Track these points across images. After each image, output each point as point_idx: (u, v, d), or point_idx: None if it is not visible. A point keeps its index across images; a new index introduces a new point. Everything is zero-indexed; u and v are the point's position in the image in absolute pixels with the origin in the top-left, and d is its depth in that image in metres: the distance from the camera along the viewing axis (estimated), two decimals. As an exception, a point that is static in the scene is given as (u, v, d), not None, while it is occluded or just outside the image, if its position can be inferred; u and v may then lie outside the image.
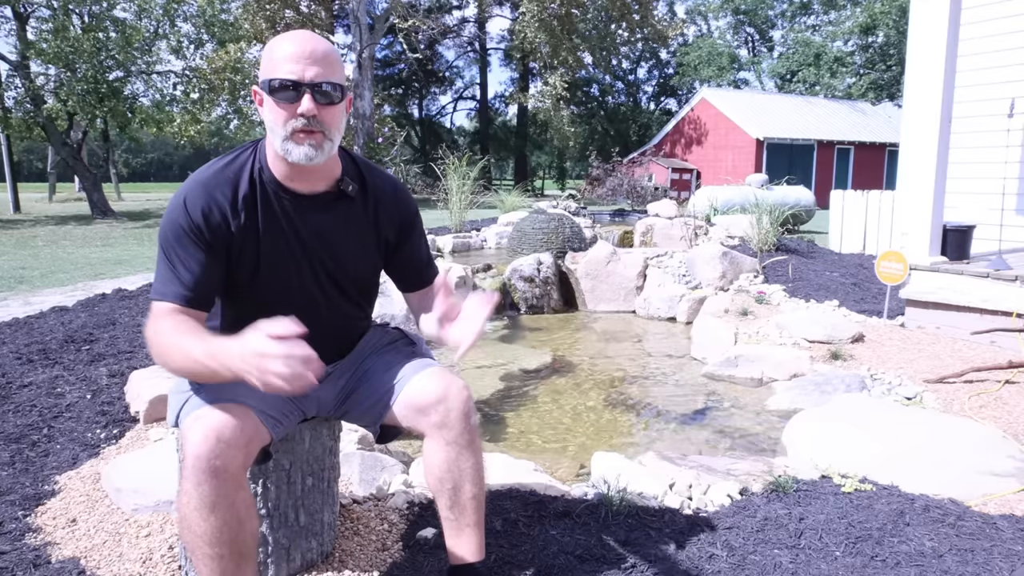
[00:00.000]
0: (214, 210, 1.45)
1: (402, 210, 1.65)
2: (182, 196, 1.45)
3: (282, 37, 1.44)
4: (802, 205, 11.80)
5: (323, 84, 1.40)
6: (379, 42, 24.17)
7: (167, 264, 1.43)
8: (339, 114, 1.45)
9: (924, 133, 4.88)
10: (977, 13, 6.17)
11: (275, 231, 1.51)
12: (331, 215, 1.56)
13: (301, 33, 1.44)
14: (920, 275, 4.63)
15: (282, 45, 1.41)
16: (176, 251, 1.43)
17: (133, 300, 5.05)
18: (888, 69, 32.98)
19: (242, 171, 1.49)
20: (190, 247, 1.43)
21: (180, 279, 1.42)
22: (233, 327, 1.39)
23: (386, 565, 1.79)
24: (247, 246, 1.49)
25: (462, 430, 1.53)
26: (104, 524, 1.95)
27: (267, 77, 1.41)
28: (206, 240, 1.44)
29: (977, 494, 2.24)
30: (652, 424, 3.31)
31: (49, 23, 13.99)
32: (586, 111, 36.37)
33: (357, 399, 1.66)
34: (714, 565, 1.80)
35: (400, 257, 1.69)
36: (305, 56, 1.39)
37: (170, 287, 1.42)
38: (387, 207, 1.62)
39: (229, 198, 1.46)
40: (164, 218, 1.45)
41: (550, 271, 6.06)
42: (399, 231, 1.65)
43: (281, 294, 1.54)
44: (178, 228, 1.43)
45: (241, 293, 1.54)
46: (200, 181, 1.46)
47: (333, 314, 1.64)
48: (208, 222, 1.44)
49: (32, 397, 2.95)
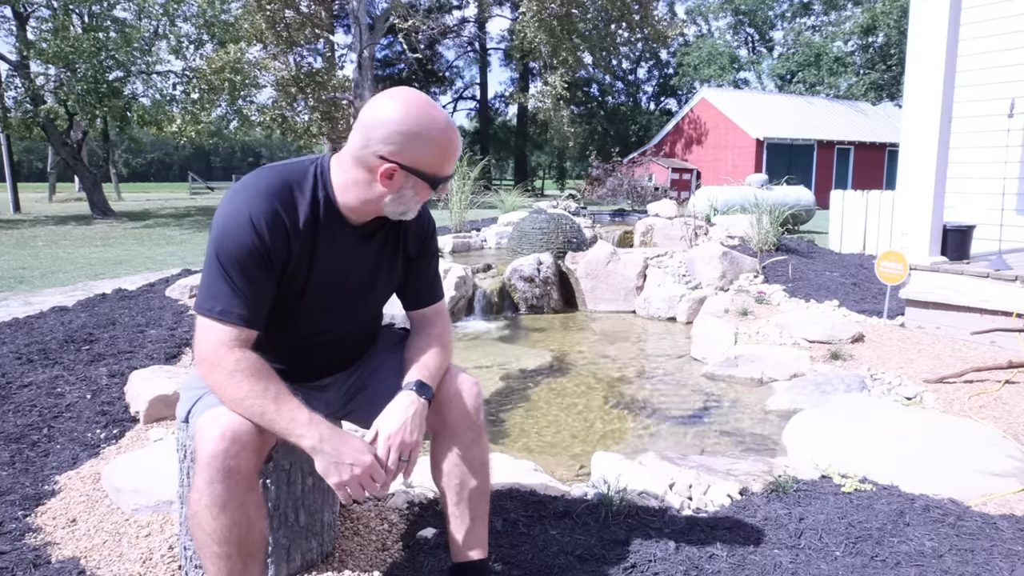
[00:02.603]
0: (279, 232, 1.40)
1: (424, 230, 1.66)
2: (246, 212, 1.38)
3: (445, 128, 1.41)
4: (802, 205, 11.81)
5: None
6: (379, 42, 24.17)
7: (227, 281, 1.37)
8: None
9: (924, 133, 4.88)
10: (977, 13, 6.17)
11: (328, 259, 1.49)
12: (374, 242, 1.56)
13: (452, 130, 1.43)
14: (920, 275, 4.63)
15: (447, 139, 1.42)
16: (239, 269, 1.37)
17: (133, 300, 5.05)
18: (888, 69, 33.00)
19: (303, 192, 1.45)
20: (255, 269, 1.38)
21: (242, 299, 1.37)
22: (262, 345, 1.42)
23: (386, 565, 1.79)
24: (299, 271, 1.46)
25: (472, 424, 1.55)
26: (104, 524, 1.95)
27: (431, 172, 1.42)
28: (270, 261, 1.40)
29: (977, 494, 2.24)
30: (652, 424, 3.31)
31: (49, 23, 13.99)
32: (586, 111, 36.37)
33: (364, 399, 1.66)
34: (714, 565, 1.80)
35: (410, 272, 1.67)
36: (455, 157, 1.46)
37: (232, 306, 1.37)
38: (414, 227, 1.63)
39: (292, 221, 1.42)
40: (225, 231, 1.37)
41: (550, 271, 6.06)
42: (418, 249, 1.65)
43: (317, 315, 1.54)
44: (246, 248, 1.37)
45: (283, 311, 1.51)
46: (264, 197, 1.40)
47: (357, 328, 1.66)
48: (275, 243, 1.40)
49: (32, 397, 2.95)
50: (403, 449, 1.40)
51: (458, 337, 5.07)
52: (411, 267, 1.65)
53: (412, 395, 1.46)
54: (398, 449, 1.39)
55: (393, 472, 1.40)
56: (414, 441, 1.41)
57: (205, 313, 1.38)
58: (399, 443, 1.39)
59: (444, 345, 1.60)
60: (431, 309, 1.66)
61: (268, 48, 20.40)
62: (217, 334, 1.37)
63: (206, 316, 1.38)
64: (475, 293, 5.72)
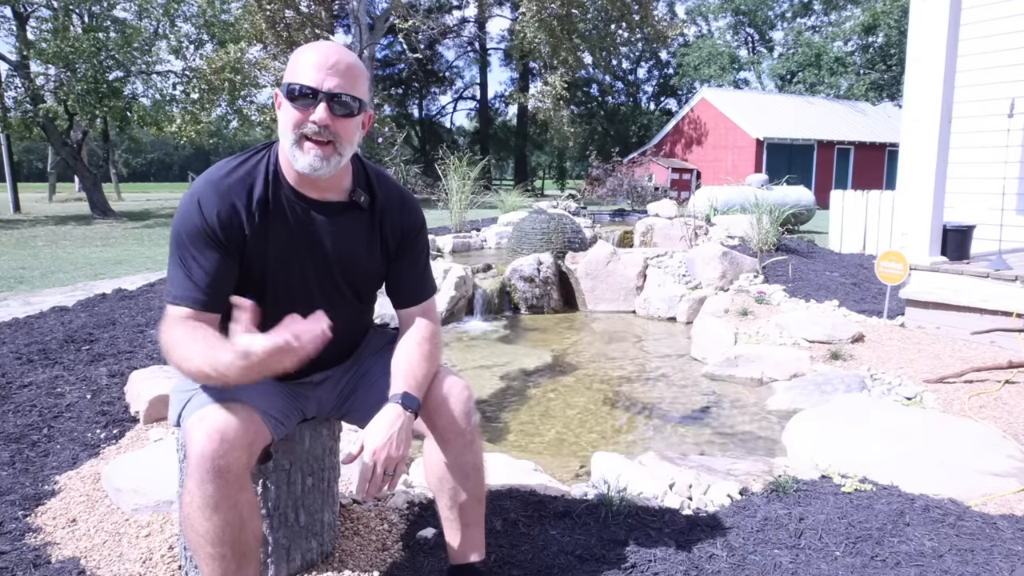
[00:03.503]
0: (229, 212, 1.43)
1: (406, 222, 1.63)
2: (195, 198, 1.42)
3: (310, 46, 1.43)
4: (802, 205, 11.80)
5: (341, 95, 1.40)
6: (379, 42, 24.18)
7: (181, 266, 1.41)
8: (353, 128, 1.44)
9: (924, 133, 4.88)
10: (977, 13, 6.17)
11: (286, 235, 1.50)
12: (340, 222, 1.55)
13: (329, 44, 1.43)
14: (920, 275, 4.63)
15: (308, 53, 1.41)
16: (190, 253, 1.41)
17: (133, 300, 5.05)
18: (888, 69, 33.01)
19: (256, 173, 1.48)
20: (204, 249, 1.41)
21: (195, 282, 1.40)
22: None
23: (386, 565, 1.79)
24: (257, 248, 1.48)
25: (463, 430, 1.53)
26: (104, 524, 1.95)
27: (288, 81, 1.41)
28: (220, 242, 1.42)
29: (977, 494, 2.24)
30: (652, 424, 3.31)
31: (49, 23, 13.99)
32: (586, 111, 36.36)
33: (357, 400, 1.66)
34: (714, 565, 1.80)
35: (394, 268, 1.65)
36: (328, 66, 1.39)
37: (184, 290, 1.40)
38: (393, 217, 1.61)
39: (244, 201, 1.45)
40: (176, 220, 1.42)
41: (550, 271, 6.06)
42: (400, 242, 1.63)
43: (285, 297, 1.53)
44: (192, 230, 1.40)
45: (246, 295, 1.53)
46: (213, 182, 1.44)
47: (337, 318, 1.63)
48: (223, 224, 1.42)
49: (32, 397, 2.95)
50: (388, 464, 1.40)
51: (458, 337, 5.07)
52: (395, 263, 1.64)
53: (398, 408, 1.45)
54: (383, 464, 1.39)
55: (379, 486, 1.40)
56: (400, 455, 1.42)
57: (166, 299, 1.42)
58: (384, 458, 1.39)
59: (432, 349, 1.58)
60: (418, 308, 1.64)
61: (268, 48, 20.41)
62: (169, 317, 1.40)
63: (167, 301, 1.42)
64: (475, 293, 5.72)
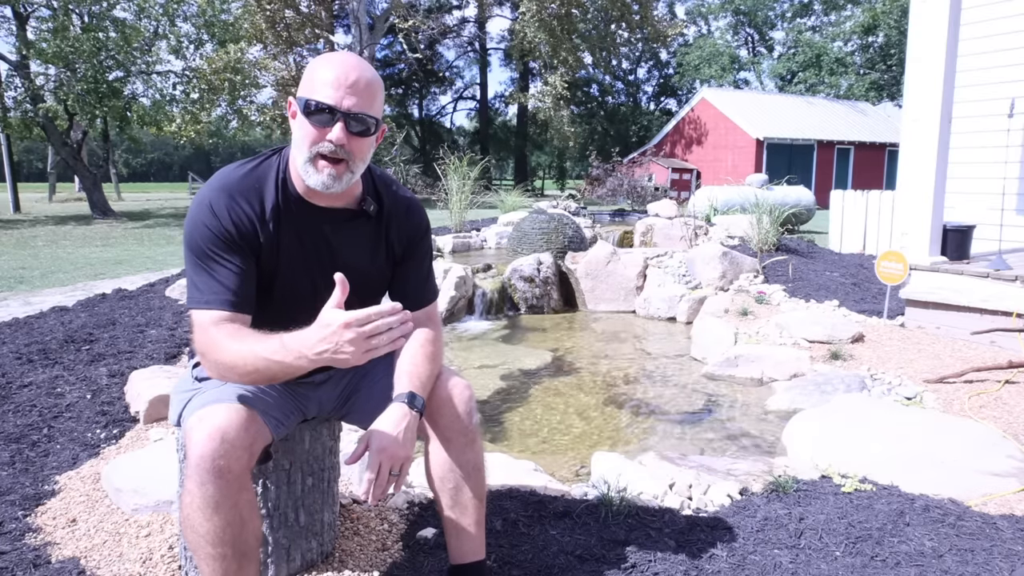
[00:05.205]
0: (243, 218, 1.42)
1: (412, 227, 1.64)
2: (206, 201, 1.40)
3: (329, 57, 1.40)
4: (802, 205, 11.81)
5: (360, 115, 1.38)
6: (379, 42, 24.17)
7: (204, 270, 1.38)
8: (368, 146, 1.43)
9: (924, 133, 4.88)
10: (977, 13, 6.17)
11: (296, 243, 1.49)
12: (348, 230, 1.55)
13: (348, 58, 1.40)
14: (920, 275, 4.63)
15: (327, 67, 1.38)
16: (213, 255, 1.38)
17: (133, 300, 5.05)
18: (888, 69, 33.02)
19: (266, 179, 1.47)
20: (226, 251, 1.39)
21: (223, 284, 1.38)
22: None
23: (386, 565, 1.79)
24: (270, 256, 1.47)
25: (464, 429, 1.53)
26: (104, 524, 1.95)
27: (305, 95, 1.38)
28: (239, 244, 1.41)
29: (977, 494, 2.24)
30: (652, 424, 3.31)
31: (49, 23, 14.00)
32: (586, 111, 36.37)
33: (360, 400, 1.66)
34: (714, 565, 1.80)
35: (398, 272, 1.66)
36: (348, 84, 1.36)
37: (214, 294, 1.37)
38: (399, 222, 1.62)
39: (257, 208, 1.44)
40: (190, 225, 1.40)
41: (550, 271, 6.06)
42: (405, 247, 1.64)
43: (293, 302, 1.53)
44: (209, 233, 1.38)
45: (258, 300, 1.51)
46: (225, 187, 1.42)
47: None
48: (238, 228, 1.41)
49: (32, 397, 2.95)
50: (394, 463, 1.39)
51: (458, 337, 5.07)
52: (400, 267, 1.64)
53: (404, 408, 1.44)
54: (389, 463, 1.38)
55: (384, 486, 1.39)
56: (406, 455, 1.41)
57: (194, 305, 1.39)
58: (390, 457, 1.39)
59: (435, 351, 1.58)
60: (422, 312, 1.64)
61: (268, 48, 20.41)
62: (200, 324, 1.38)
63: (195, 308, 1.39)
64: (475, 293, 5.72)
